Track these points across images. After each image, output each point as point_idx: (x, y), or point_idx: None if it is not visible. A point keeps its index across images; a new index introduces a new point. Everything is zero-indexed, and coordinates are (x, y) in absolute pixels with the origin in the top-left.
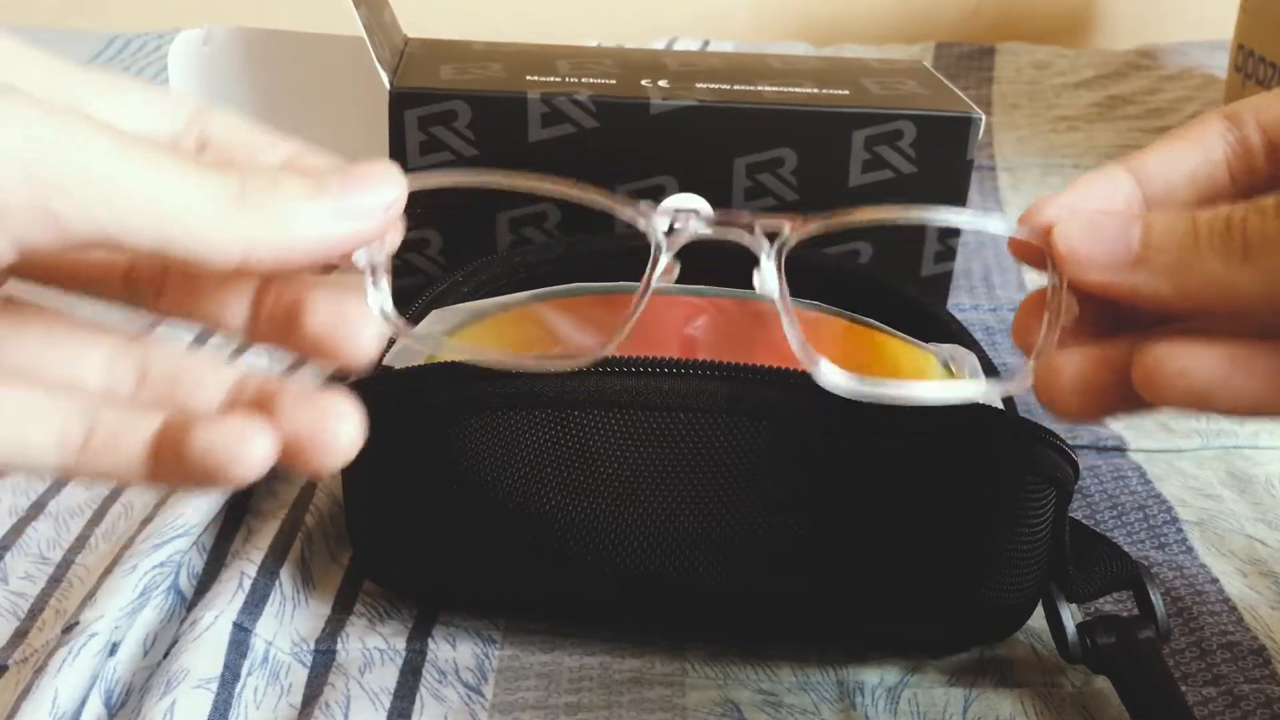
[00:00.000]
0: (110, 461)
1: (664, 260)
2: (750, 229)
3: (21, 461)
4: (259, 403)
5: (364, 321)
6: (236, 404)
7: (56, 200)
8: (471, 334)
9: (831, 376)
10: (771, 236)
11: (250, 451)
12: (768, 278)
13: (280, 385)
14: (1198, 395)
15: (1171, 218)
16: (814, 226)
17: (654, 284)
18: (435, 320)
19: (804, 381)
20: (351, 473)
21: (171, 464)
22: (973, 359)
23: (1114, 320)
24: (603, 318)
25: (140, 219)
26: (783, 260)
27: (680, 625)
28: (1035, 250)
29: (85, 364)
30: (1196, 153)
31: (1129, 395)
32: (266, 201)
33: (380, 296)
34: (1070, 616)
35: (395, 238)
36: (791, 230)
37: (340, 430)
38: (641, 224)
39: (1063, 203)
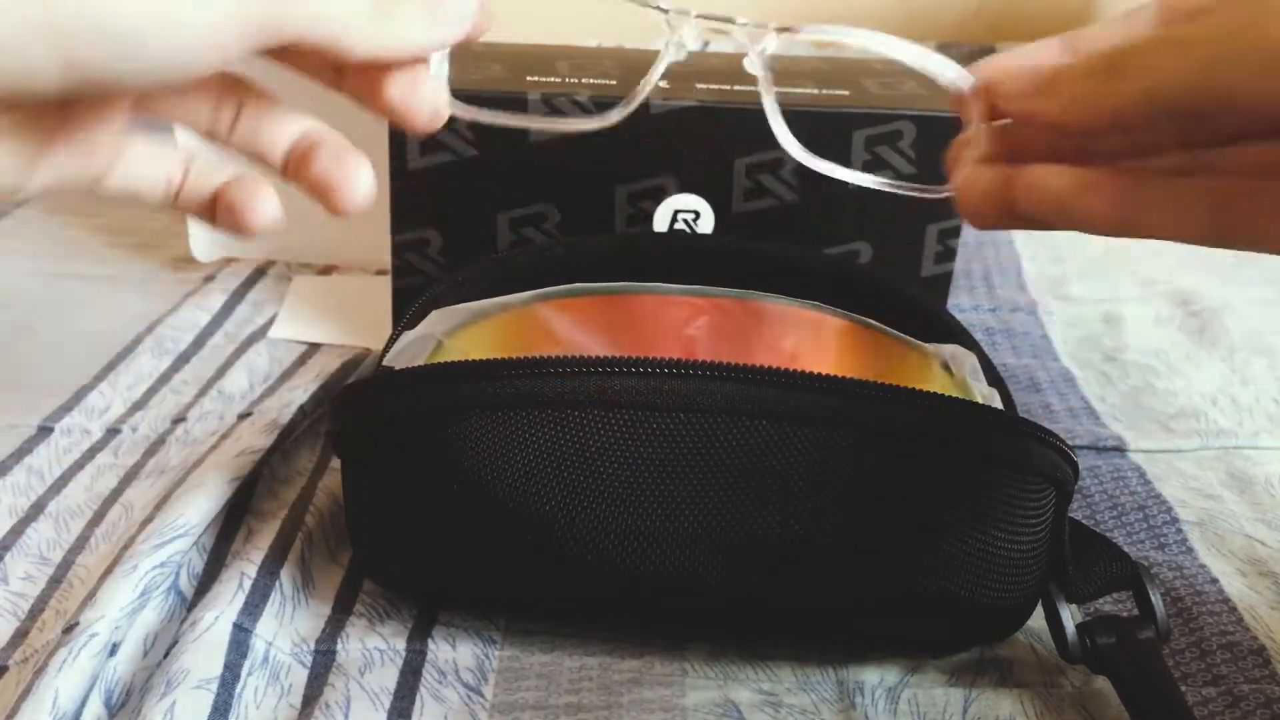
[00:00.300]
0: (191, 203)
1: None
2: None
3: (138, 196)
4: (310, 149)
5: (432, 94)
6: (299, 147)
7: (285, 18)
8: (471, 334)
9: (785, 138)
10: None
11: (262, 211)
12: (756, 67)
13: (325, 140)
14: (1054, 207)
15: (1070, 61)
16: (791, 30)
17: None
18: (436, 320)
19: (803, 381)
20: (352, 472)
21: (220, 213)
22: (973, 359)
23: (1024, 156)
24: (603, 317)
25: (320, 29)
26: (766, 52)
27: (680, 625)
28: (964, 101)
29: (199, 110)
30: (1125, 28)
31: (1018, 209)
32: (394, 13)
33: (443, 73)
34: (1070, 617)
35: (486, 26)
36: (775, 27)
37: (356, 176)
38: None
39: (997, 58)
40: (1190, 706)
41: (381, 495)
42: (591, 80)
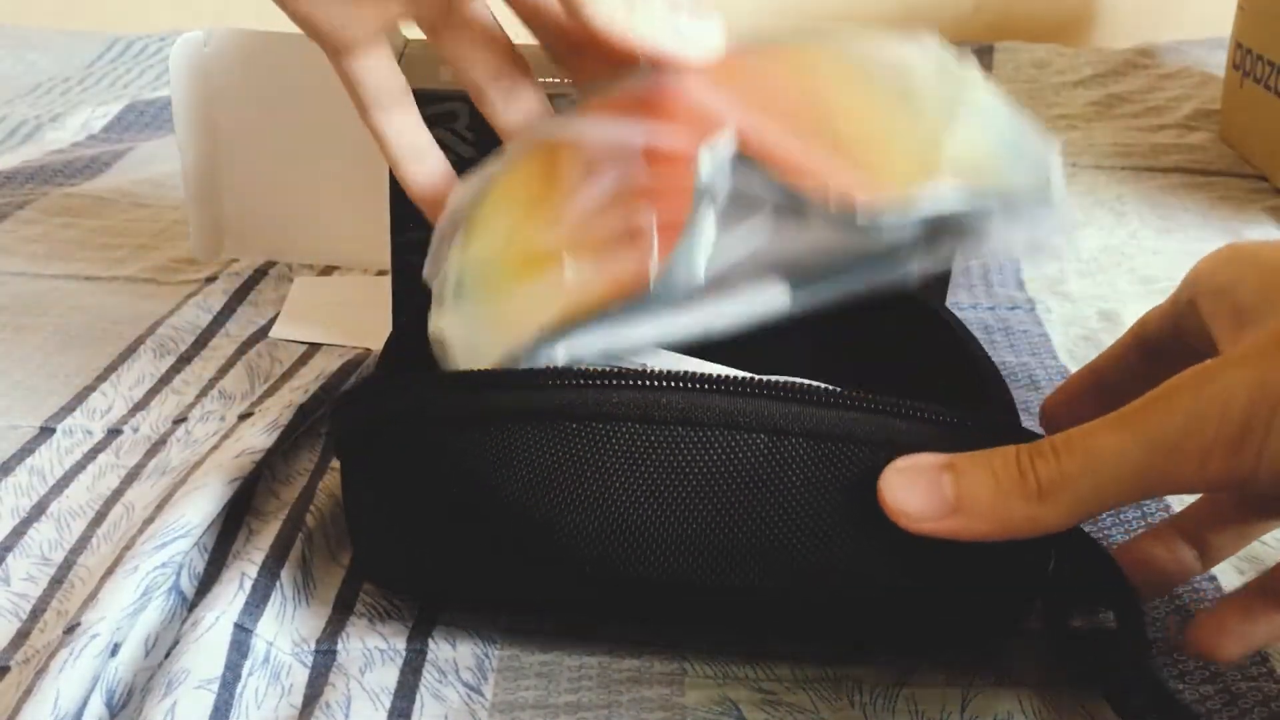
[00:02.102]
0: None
1: None
2: None
3: None
4: None
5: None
6: None
7: None
8: (495, 197)
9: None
10: None
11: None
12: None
13: None
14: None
15: (972, 464)
16: None
17: None
18: (456, 202)
19: (801, 395)
20: (352, 474)
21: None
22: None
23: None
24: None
25: None
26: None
27: (678, 628)
28: None
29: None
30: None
31: None
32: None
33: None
34: (1066, 617)
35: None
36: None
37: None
38: None
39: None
40: (1188, 705)
41: (381, 498)
42: None
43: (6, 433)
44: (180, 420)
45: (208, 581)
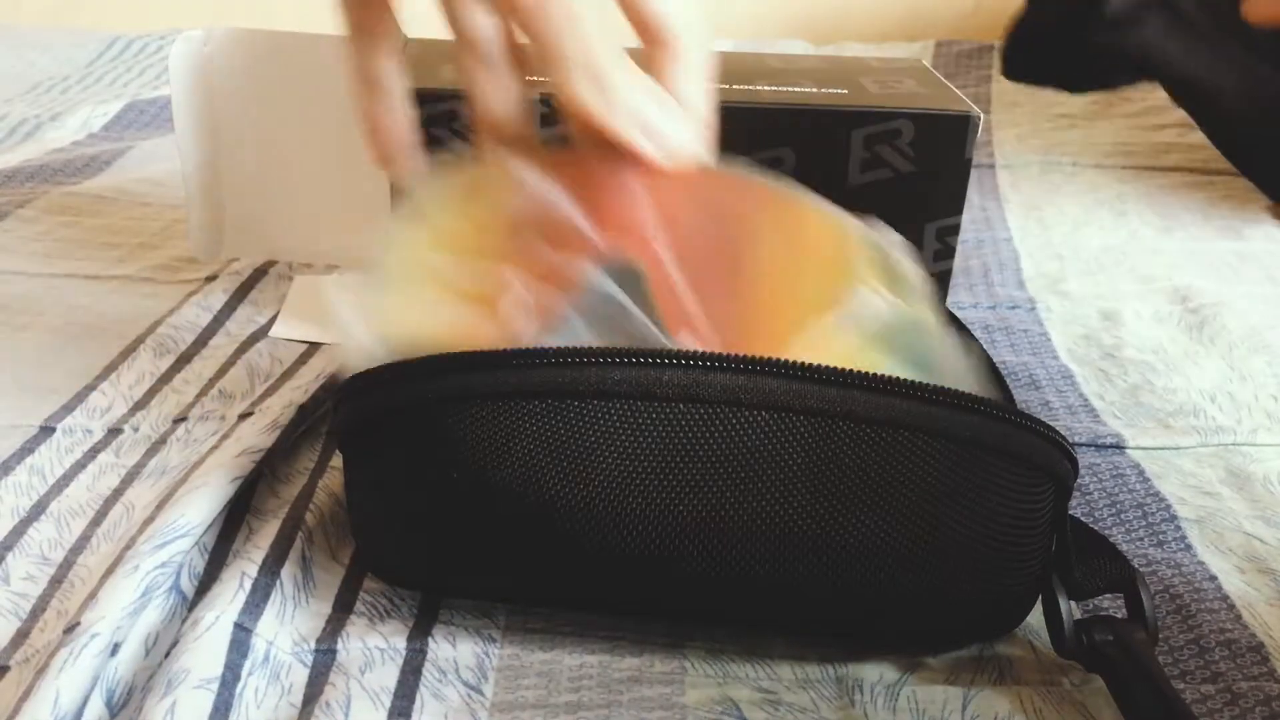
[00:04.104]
0: None
1: None
2: None
3: None
4: None
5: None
6: None
7: None
8: (449, 210)
9: None
10: None
11: None
12: None
13: None
14: None
15: None
16: None
17: None
18: (425, 190)
19: (803, 372)
20: (354, 464)
21: None
22: (897, 238)
23: None
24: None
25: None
26: None
27: (678, 612)
28: None
29: None
30: None
31: None
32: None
33: None
34: (1069, 612)
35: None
36: None
37: None
38: None
39: None
40: (1189, 705)
41: (384, 486)
42: None
43: (6, 432)
44: (180, 419)
45: (208, 581)
